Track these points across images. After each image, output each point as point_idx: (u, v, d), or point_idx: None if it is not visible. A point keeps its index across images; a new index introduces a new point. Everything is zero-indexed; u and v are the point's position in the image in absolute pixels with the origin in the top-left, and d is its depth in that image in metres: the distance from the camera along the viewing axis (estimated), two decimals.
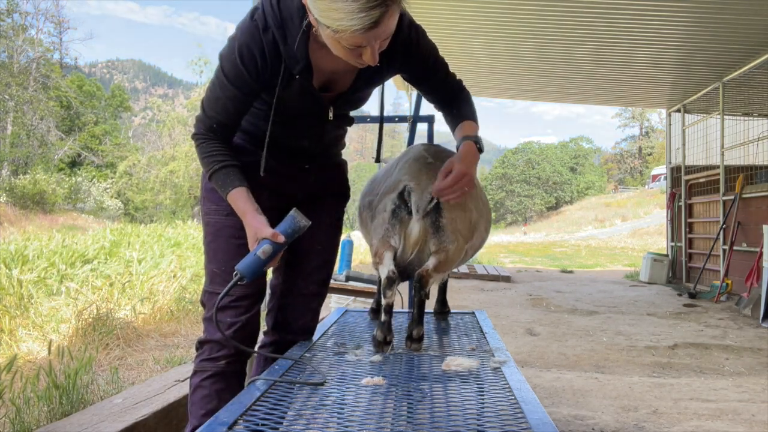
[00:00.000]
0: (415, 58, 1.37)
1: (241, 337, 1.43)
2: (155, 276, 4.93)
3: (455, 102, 1.52)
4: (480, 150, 1.43)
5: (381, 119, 1.62)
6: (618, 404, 2.67)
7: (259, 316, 1.50)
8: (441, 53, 1.45)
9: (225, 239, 1.44)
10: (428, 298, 1.45)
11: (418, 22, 1.37)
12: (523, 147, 45.91)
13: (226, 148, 1.38)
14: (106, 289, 4.25)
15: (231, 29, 1.35)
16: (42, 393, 2.16)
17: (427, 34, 1.41)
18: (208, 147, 1.37)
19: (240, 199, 1.34)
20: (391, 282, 1.38)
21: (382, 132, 1.66)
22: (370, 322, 1.86)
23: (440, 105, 1.54)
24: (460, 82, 1.52)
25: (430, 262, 1.40)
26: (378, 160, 1.58)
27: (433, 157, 1.49)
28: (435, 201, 1.39)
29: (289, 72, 1.29)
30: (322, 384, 1.14)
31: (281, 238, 1.29)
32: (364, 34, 1.08)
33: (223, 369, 1.43)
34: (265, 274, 1.51)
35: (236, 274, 1.28)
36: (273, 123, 1.36)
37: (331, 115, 1.42)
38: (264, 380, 1.16)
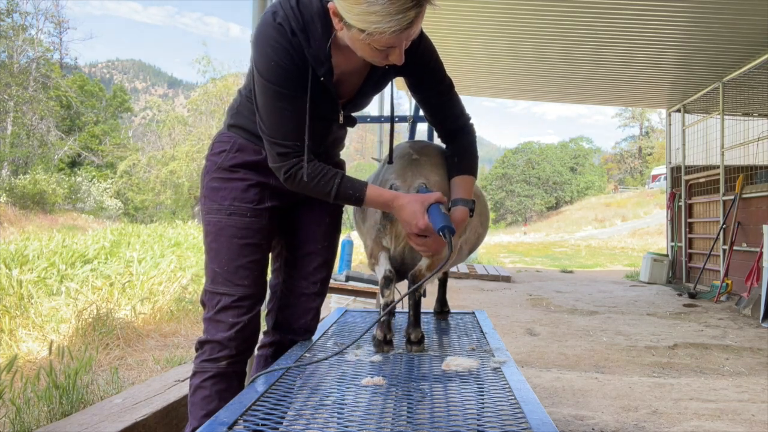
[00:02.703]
0: (418, 57, 1.36)
1: (242, 337, 1.43)
2: (155, 276, 4.93)
3: (457, 143, 1.48)
4: (471, 212, 1.41)
5: (392, 120, 1.60)
6: (618, 404, 2.67)
7: (260, 316, 1.50)
8: (442, 53, 1.45)
9: (227, 239, 1.43)
10: (425, 296, 1.45)
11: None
12: (523, 147, 45.89)
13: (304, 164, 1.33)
14: (106, 289, 4.25)
15: (234, 30, 1.31)
16: (42, 393, 2.16)
17: (428, 34, 1.41)
18: (314, 169, 1.30)
19: (381, 191, 1.33)
20: (389, 281, 1.38)
21: (393, 134, 1.63)
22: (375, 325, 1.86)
23: (443, 134, 1.52)
24: (468, 117, 1.50)
25: (423, 262, 1.40)
26: (391, 161, 1.56)
27: (417, 153, 1.49)
28: None
29: (315, 75, 1.29)
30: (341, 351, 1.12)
31: (445, 198, 1.34)
32: (399, 36, 1.10)
33: (224, 370, 1.42)
34: (265, 274, 1.52)
35: (445, 230, 1.24)
36: (297, 127, 1.30)
37: (341, 118, 1.43)
38: (266, 379, 1.16)
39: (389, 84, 1.51)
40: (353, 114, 1.56)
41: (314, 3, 1.24)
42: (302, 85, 1.28)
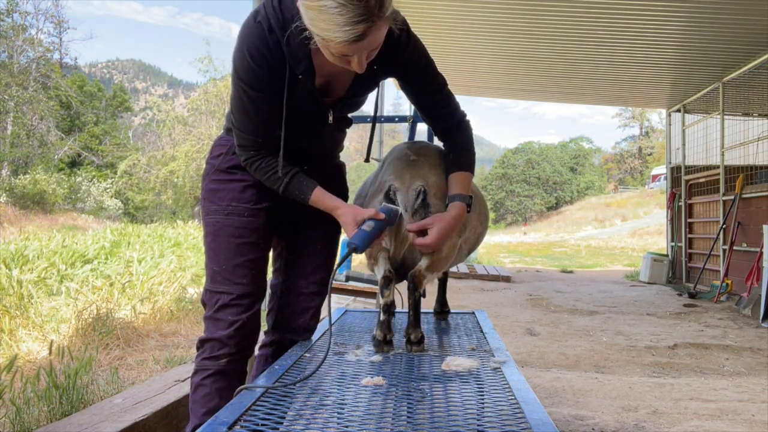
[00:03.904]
0: (405, 58, 1.36)
1: (242, 335, 1.44)
2: (155, 276, 4.93)
3: (453, 140, 1.49)
4: (469, 207, 1.43)
5: (374, 120, 1.62)
6: (618, 404, 2.67)
7: (260, 315, 1.51)
8: (442, 53, 1.45)
9: (225, 239, 1.45)
10: (424, 297, 1.45)
11: (419, 23, 1.37)
12: (523, 147, 45.88)
13: (279, 159, 1.39)
14: (106, 289, 4.25)
15: (235, 30, 1.33)
16: (42, 393, 2.16)
17: (428, 34, 1.41)
18: (267, 164, 1.38)
19: (324, 197, 1.39)
20: (388, 281, 1.38)
21: (374, 132, 1.66)
22: (373, 321, 1.86)
23: (438, 132, 1.52)
24: (463, 113, 1.50)
25: (423, 262, 1.40)
26: (367, 159, 1.59)
27: (415, 154, 1.49)
28: (422, 197, 1.39)
29: (293, 73, 1.30)
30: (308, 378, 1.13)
31: (381, 215, 1.35)
32: (350, 46, 1.10)
33: (224, 367, 1.43)
34: (264, 273, 1.52)
35: (351, 245, 1.31)
36: (277, 125, 1.35)
37: (331, 118, 1.43)
38: (266, 379, 1.16)
39: (381, 84, 1.51)
40: (350, 114, 1.56)
41: (297, 2, 1.24)
42: (276, 86, 1.31)
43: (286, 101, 1.33)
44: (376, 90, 1.55)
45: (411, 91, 1.45)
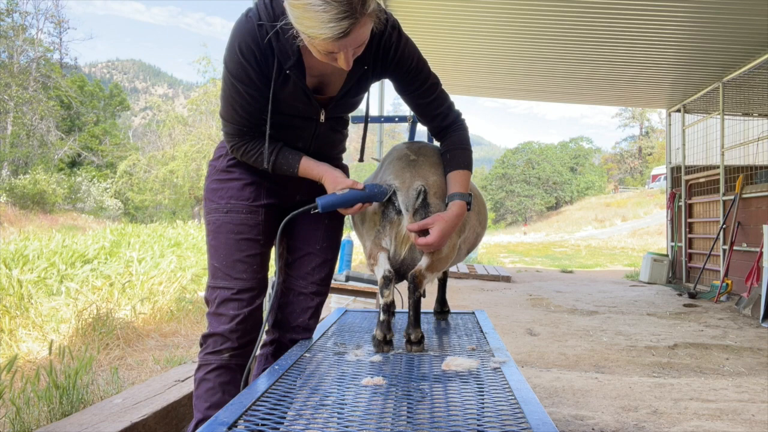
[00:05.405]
0: (396, 59, 1.37)
1: (243, 329, 1.46)
2: (155, 276, 4.92)
3: (449, 139, 1.49)
4: (469, 205, 1.43)
5: (366, 120, 1.62)
6: (618, 404, 2.67)
7: (262, 310, 1.52)
8: (443, 53, 1.45)
9: (225, 235, 1.48)
10: (425, 297, 1.45)
11: (420, 23, 1.38)
12: (523, 147, 45.90)
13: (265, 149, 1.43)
14: (106, 289, 4.25)
15: None
16: (42, 393, 2.16)
17: (429, 34, 1.42)
18: (252, 147, 1.42)
19: (311, 166, 1.44)
20: (388, 281, 1.38)
21: (366, 133, 1.67)
22: (374, 322, 1.86)
23: (434, 132, 1.53)
24: (458, 113, 1.51)
25: (423, 262, 1.40)
26: (361, 159, 1.62)
27: (415, 154, 1.50)
28: (422, 197, 1.40)
29: (282, 68, 1.31)
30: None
31: (360, 185, 1.37)
32: (335, 43, 1.12)
33: (227, 362, 1.45)
34: (265, 269, 1.52)
35: (313, 204, 1.37)
36: (263, 120, 1.38)
37: (323, 117, 1.44)
38: (266, 379, 1.16)
39: (381, 84, 1.52)
40: (351, 115, 1.57)
41: (284, 2, 1.25)
42: (264, 82, 1.32)
43: (275, 97, 1.35)
44: (376, 90, 1.56)
45: (405, 92, 1.46)
